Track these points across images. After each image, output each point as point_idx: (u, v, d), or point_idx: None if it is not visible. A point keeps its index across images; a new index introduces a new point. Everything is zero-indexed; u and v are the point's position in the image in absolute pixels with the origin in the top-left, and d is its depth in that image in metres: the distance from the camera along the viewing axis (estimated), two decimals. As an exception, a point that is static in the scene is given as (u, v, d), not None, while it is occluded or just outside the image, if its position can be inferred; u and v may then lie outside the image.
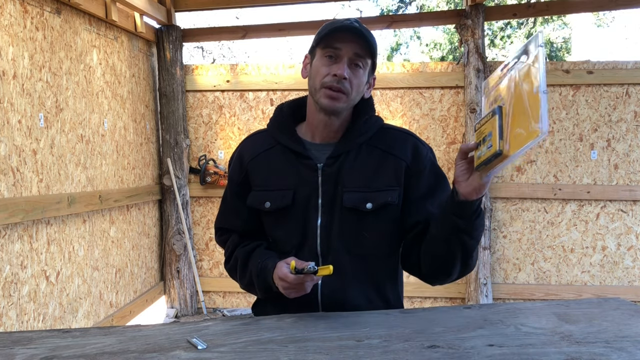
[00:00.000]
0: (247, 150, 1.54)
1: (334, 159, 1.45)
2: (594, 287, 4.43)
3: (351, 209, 1.42)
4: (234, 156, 1.58)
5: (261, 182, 1.49)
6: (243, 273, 1.50)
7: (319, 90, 1.40)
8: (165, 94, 4.54)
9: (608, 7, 4.65)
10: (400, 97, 4.54)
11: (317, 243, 1.44)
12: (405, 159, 1.46)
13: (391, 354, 1.07)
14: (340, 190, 1.43)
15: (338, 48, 1.37)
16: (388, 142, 1.48)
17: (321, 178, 1.44)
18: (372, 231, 1.44)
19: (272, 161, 1.49)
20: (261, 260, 1.44)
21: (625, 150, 4.37)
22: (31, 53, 2.83)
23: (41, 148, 2.90)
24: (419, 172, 1.46)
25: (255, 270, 1.44)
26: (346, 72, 1.36)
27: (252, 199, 1.50)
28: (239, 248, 1.54)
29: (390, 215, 1.45)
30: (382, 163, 1.45)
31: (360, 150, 1.46)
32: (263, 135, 1.56)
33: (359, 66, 1.39)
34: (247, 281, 1.50)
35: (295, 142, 1.48)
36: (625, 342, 1.11)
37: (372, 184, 1.43)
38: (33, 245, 2.82)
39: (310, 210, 1.44)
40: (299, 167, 1.46)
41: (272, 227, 1.50)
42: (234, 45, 11.56)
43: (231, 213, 1.57)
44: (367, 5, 11.82)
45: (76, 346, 1.17)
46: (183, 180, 4.58)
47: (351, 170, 1.44)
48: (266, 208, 1.47)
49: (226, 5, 4.91)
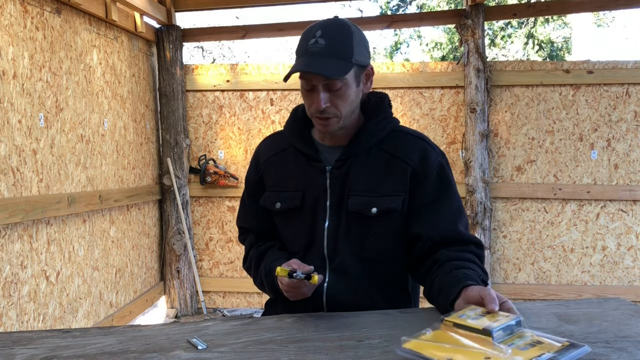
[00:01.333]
0: (264, 151, 1.58)
1: (342, 161, 1.44)
2: (594, 287, 4.43)
3: (356, 213, 1.41)
4: (253, 156, 1.62)
5: (274, 182, 1.52)
6: (256, 273, 1.55)
7: (311, 118, 1.43)
8: (165, 94, 4.54)
9: (608, 7, 4.65)
10: (400, 97, 4.54)
11: (324, 245, 1.44)
12: (412, 163, 1.42)
13: (391, 354, 1.07)
14: (347, 193, 1.42)
15: (308, 79, 1.35)
16: (396, 146, 1.45)
17: (329, 181, 1.44)
18: (376, 236, 1.42)
19: (284, 163, 1.51)
20: (270, 262, 1.47)
21: (626, 150, 4.37)
22: (31, 53, 2.83)
23: (41, 148, 2.90)
24: (425, 178, 1.41)
25: (265, 271, 1.49)
26: (323, 102, 1.35)
27: (265, 200, 1.53)
28: (254, 248, 1.58)
29: (394, 221, 1.42)
30: (389, 167, 1.42)
31: (370, 153, 1.44)
32: (279, 137, 1.59)
33: (337, 85, 1.34)
34: (259, 281, 1.55)
35: (307, 144, 1.49)
36: (626, 342, 1.11)
37: (378, 188, 1.41)
38: (33, 245, 2.82)
39: (319, 212, 1.45)
40: (308, 169, 1.47)
41: (282, 227, 1.53)
42: (234, 45, 11.56)
43: (248, 213, 1.62)
44: (367, 5, 11.83)
45: (76, 346, 1.17)
46: (183, 180, 4.58)
47: (358, 174, 1.43)
48: (277, 209, 1.50)
49: (226, 5, 4.91)
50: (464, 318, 0.99)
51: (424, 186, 1.41)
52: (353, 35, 1.36)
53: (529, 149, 4.45)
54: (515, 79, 4.42)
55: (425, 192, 1.41)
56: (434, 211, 1.41)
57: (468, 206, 4.36)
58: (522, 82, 4.42)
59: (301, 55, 1.35)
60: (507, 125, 4.46)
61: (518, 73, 4.42)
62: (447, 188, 1.43)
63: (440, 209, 1.41)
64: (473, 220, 4.33)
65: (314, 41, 1.33)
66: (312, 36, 1.34)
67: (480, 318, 0.99)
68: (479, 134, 4.32)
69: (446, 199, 1.42)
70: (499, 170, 4.48)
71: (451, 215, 1.41)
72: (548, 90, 4.41)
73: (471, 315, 1.00)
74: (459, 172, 4.50)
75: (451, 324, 0.99)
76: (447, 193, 1.42)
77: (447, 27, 11.21)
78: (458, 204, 1.44)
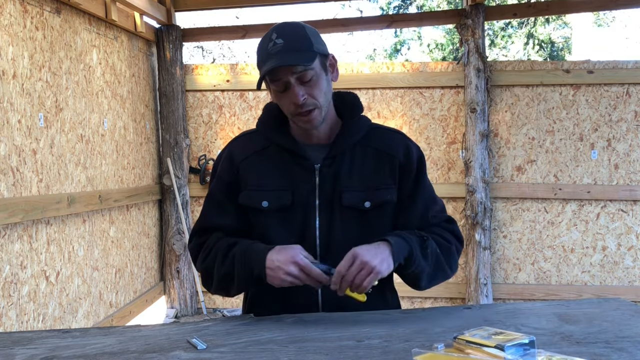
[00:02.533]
0: (238, 151, 1.51)
1: (331, 159, 1.45)
2: (594, 287, 4.43)
3: (350, 208, 1.44)
4: (222, 157, 1.54)
5: (255, 182, 1.47)
6: (222, 262, 1.41)
7: (292, 118, 1.43)
8: (165, 94, 4.54)
9: (608, 7, 4.65)
10: (400, 97, 4.54)
11: (317, 244, 1.44)
12: (399, 157, 1.49)
13: (391, 354, 1.07)
14: (339, 190, 1.44)
15: (279, 78, 1.37)
16: (380, 141, 1.51)
17: (319, 178, 1.45)
18: (371, 230, 1.44)
19: (266, 161, 1.48)
20: (251, 243, 1.40)
21: (626, 150, 4.37)
22: (31, 53, 2.83)
23: (41, 148, 2.89)
24: (409, 171, 1.50)
25: (241, 251, 1.38)
26: (300, 95, 1.36)
27: (246, 198, 1.46)
28: (222, 240, 1.45)
29: (388, 213, 1.48)
30: (377, 162, 1.48)
31: (354, 150, 1.48)
32: (254, 136, 1.54)
33: (308, 75, 1.37)
34: (225, 270, 1.40)
35: (291, 142, 1.48)
36: (626, 342, 1.11)
37: (369, 183, 1.46)
38: (33, 245, 2.82)
39: (308, 210, 1.44)
40: (295, 167, 1.46)
41: (267, 227, 1.46)
42: (234, 45, 11.55)
43: (219, 212, 1.50)
44: (367, 6, 11.83)
45: (76, 346, 1.17)
46: (183, 180, 4.58)
47: (349, 170, 1.46)
48: (264, 207, 1.44)
49: (226, 5, 4.91)
50: (476, 337, 1.01)
51: (407, 179, 1.50)
52: (305, 29, 1.41)
53: (529, 149, 4.44)
54: (516, 79, 4.42)
55: (407, 184, 1.50)
56: (413, 201, 1.51)
57: (468, 206, 4.36)
58: (522, 82, 4.42)
59: (265, 60, 1.37)
60: (507, 125, 4.46)
61: (518, 73, 4.42)
62: (423, 178, 1.54)
63: (418, 198, 1.51)
64: (473, 220, 4.33)
65: (272, 43, 1.36)
66: (269, 40, 1.37)
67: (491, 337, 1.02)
68: (479, 134, 4.32)
69: (421, 188, 1.52)
70: (499, 170, 4.48)
71: (425, 202, 1.53)
72: (548, 90, 4.41)
73: (484, 335, 1.02)
74: (459, 172, 4.50)
75: (464, 342, 1.01)
76: (422, 182, 1.53)
77: (447, 28, 11.21)
78: (431, 192, 1.55)
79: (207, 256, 1.46)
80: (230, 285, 1.43)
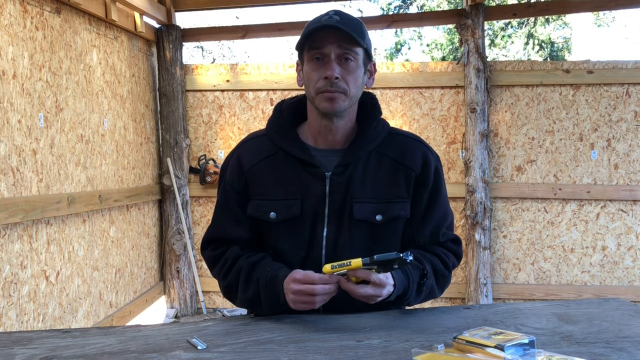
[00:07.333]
0: (246, 157, 1.45)
1: (343, 167, 1.38)
2: (594, 287, 4.43)
3: (361, 221, 1.38)
4: (230, 161, 1.48)
5: (263, 190, 1.41)
6: (246, 285, 1.38)
7: (316, 96, 1.35)
8: (165, 94, 4.54)
9: (608, 7, 4.65)
10: (400, 97, 4.54)
11: (322, 254, 1.39)
12: (416, 169, 1.42)
13: (391, 354, 1.07)
14: (350, 200, 1.38)
15: (322, 47, 1.31)
16: (398, 150, 1.43)
17: (329, 187, 1.38)
18: (380, 243, 1.40)
19: (274, 169, 1.41)
20: (272, 270, 1.35)
21: (626, 150, 4.37)
22: (31, 53, 2.83)
23: (41, 148, 2.90)
24: (425, 185, 1.43)
25: (265, 280, 1.34)
26: (336, 71, 1.31)
27: (254, 209, 1.42)
28: (242, 259, 1.41)
29: (398, 228, 1.43)
30: (393, 173, 1.41)
31: (369, 158, 1.41)
32: (263, 140, 1.46)
33: (349, 59, 1.33)
34: (250, 294, 1.37)
35: (300, 148, 1.40)
36: (626, 342, 1.11)
37: (382, 195, 1.39)
38: (33, 245, 2.82)
39: (317, 220, 1.39)
40: (304, 175, 1.39)
41: (276, 238, 1.42)
42: (234, 45, 11.55)
43: (233, 222, 1.45)
44: (367, 6, 11.83)
45: (76, 346, 1.17)
46: (183, 180, 4.58)
47: (362, 180, 1.39)
48: (272, 219, 1.39)
49: (226, 5, 4.91)
50: (476, 337, 1.02)
51: (422, 193, 1.44)
52: (363, 24, 1.37)
53: (529, 149, 4.44)
54: (516, 79, 4.42)
55: (422, 197, 1.44)
56: (425, 217, 1.45)
57: (468, 206, 4.36)
58: (522, 82, 4.41)
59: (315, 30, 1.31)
60: (507, 125, 4.46)
61: (518, 73, 4.42)
62: (439, 193, 1.47)
63: (432, 213, 1.45)
64: (473, 220, 4.33)
65: (328, 17, 1.32)
66: (325, 15, 1.33)
67: (491, 337, 1.02)
68: (479, 133, 4.32)
69: (437, 204, 1.46)
70: (499, 170, 4.48)
71: (438, 219, 1.46)
72: (548, 90, 4.41)
73: (483, 335, 1.03)
74: (459, 172, 4.50)
75: (464, 341, 1.01)
76: (438, 197, 1.46)
77: (447, 28, 11.21)
78: (445, 208, 1.48)
79: (227, 273, 1.43)
80: (257, 307, 1.40)
